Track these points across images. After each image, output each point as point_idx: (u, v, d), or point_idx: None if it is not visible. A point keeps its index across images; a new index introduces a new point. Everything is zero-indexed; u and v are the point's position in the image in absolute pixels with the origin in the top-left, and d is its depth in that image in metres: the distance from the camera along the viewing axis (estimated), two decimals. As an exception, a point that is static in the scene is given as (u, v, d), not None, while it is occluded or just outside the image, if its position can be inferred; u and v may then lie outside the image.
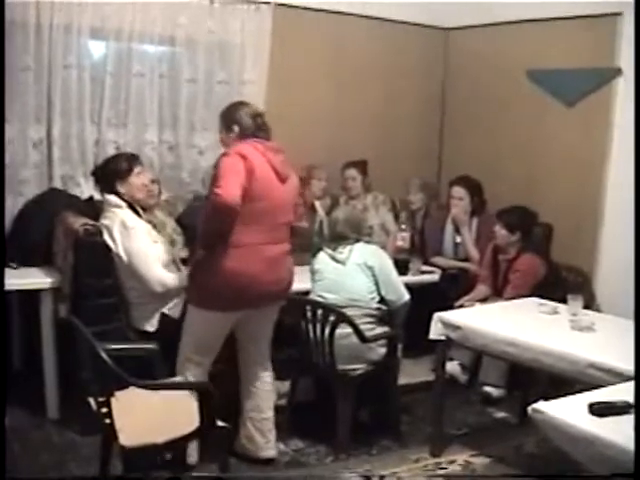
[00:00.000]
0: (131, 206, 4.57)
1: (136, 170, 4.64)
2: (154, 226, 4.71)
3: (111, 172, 4.63)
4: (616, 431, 2.60)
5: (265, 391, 4.30)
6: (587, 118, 5.92)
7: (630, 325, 4.12)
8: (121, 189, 4.57)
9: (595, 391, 3.02)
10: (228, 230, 3.81)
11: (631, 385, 3.01)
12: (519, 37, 6.33)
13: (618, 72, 5.62)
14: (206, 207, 3.88)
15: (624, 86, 5.61)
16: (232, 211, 3.72)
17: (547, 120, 6.21)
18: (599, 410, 2.74)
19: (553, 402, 2.88)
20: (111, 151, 5.46)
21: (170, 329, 4.29)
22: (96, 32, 5.44)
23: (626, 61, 5.56)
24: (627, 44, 5.52)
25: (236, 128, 4.03)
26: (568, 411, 2.80)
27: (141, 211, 4.64)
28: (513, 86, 6.43)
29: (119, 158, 4.78)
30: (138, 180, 4.64)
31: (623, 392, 2.90)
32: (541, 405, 2.84)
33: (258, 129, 4.05)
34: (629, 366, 3.36)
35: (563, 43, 5.99)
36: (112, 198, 4.56)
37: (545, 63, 6.16)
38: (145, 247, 4.40)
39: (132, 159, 4.72)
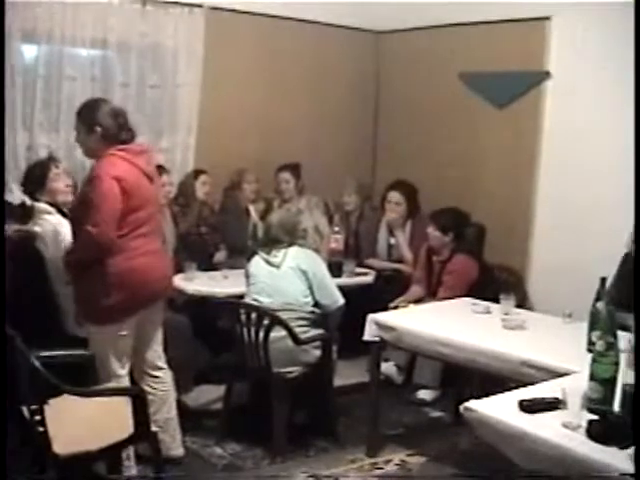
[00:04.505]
0: (61, 211, 4.52)
1: (51, 174, 4.57)
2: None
3: (29, 181, 4.60)
4: (545, 426, 2.65)
5: (164, 392, 4.21)
6: (518, 122, 6.03)
7: (561, 323, 4.20)
8: (42, 197, 4.52)
9: (525, 388, 3.07)
10: (103, 256, 3.77)
11: (559, 381, 3.08)
12: (451, 40, 6.41)
13: (547, 75, 5.73)
14: (78, 239, 3.85)
15: (552, 90, 5.73)
16: (104, 248, 3.72)
17: (480, 123, 6.30)
18: (529, 407, 2.79)
19: (484, 400, 2.92)
20: (43, 156, 5.38)
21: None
22: (27, 35, 5.35)
23: (555, 64, 5.68)
24: (556, 48, 5.65)
25: (98, 129, 3.84)
26: (499, 408, 2.84)
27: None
28: (446, 88, 6.51)
29: (33, 166, 4.75)
30: (56, 184, 4.57)
31: (552, 388, 2.96)
32: (473, 403, 2.88)
33: (120, 130, 3.90)
34: (560, 363, 3.45)
35: (494, 46, 6.08)
36: (41, 205, 4.51)
37: (477, 66, 6.24)
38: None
39: (44, 164, 4.66)
